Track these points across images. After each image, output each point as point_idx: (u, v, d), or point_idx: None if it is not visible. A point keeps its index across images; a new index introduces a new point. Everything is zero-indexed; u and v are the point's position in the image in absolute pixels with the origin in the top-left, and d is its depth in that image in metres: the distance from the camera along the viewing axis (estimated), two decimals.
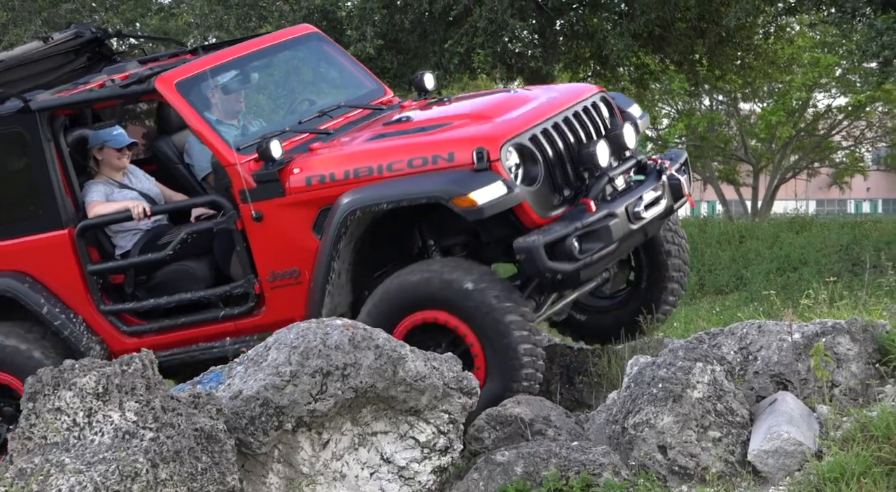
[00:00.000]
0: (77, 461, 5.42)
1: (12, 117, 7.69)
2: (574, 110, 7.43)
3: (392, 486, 6.05)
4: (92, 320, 7.66)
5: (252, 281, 7.34)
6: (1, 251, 7.77)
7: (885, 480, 5.72)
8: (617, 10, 21.95)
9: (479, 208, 6.72)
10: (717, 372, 6.24)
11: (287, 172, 7.19)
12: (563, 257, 6.79)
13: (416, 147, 7.11)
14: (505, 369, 6.82)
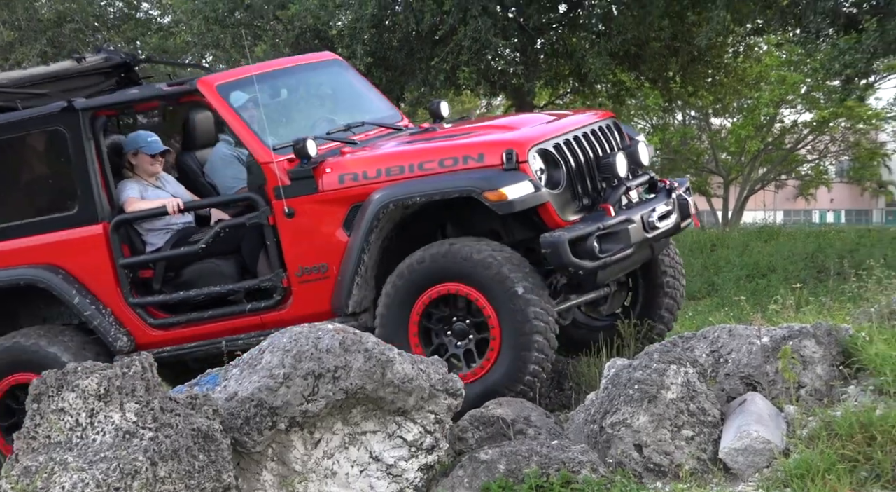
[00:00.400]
0: (80, 460, 5.41)
1: (56, 116, 7.74)
2: (591, 128, 7.55)
3: (381, 483, 6.05)
4: (120, 313, 7.67)
5: (280, 275, 7.37)
6: (36, 246, 7.78)
7: (849, 476, 5.73)
8: (595, 30, 21.99)
9: (509, 202, 6.82)
10: (690, 374, 6.25)
11: (320, 171, 7.25)
12: (584, 255, 6.87)
13: (446, 149, 7.22)
14: (518, 339, 6.84)
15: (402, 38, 20.81)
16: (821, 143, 41.73)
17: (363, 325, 7.22)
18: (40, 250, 7.77)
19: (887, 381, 6.36)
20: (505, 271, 6.83)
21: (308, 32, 21.55)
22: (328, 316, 7.27)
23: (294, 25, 21.43)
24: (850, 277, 9.07)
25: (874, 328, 6.89)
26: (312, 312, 7.27)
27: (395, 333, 7.01)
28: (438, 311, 7.11)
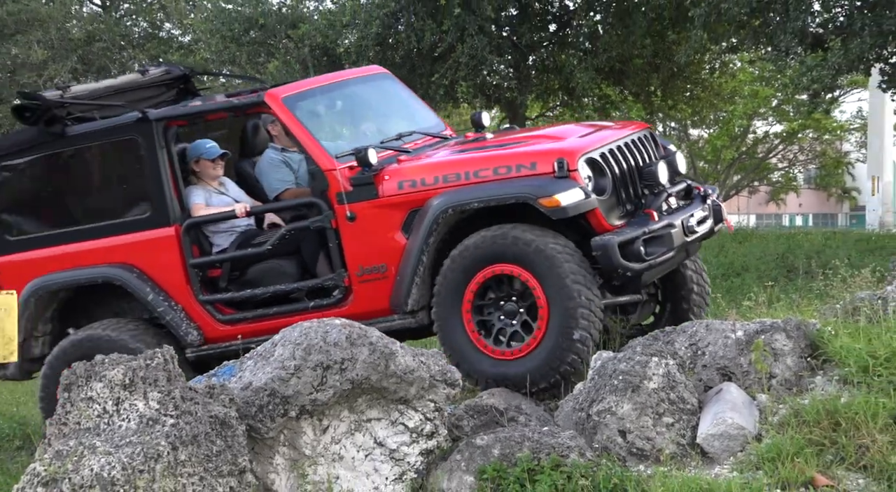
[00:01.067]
0: (107, 444, 5.40)
1: (131, 126, 7.76)
2: (632, 138, 7.51)
3: (384, 466, 6.04)
4: (190, 309, 7.66)
5: (342, 275, 7.34)
6: (113, 246, 7.78)
7: (816, 459, 5.74)
8: (582, 47, 22.02)
9: (563, 208, 6.78)
10: (671, 365, 6.25)
11: (380, 178, 7.24)
12: (632, 257, 6.84)
13: (500, 158, 7.18)
14: (564, 321, 6.79)
15: (404, 56, 20.82)
16: (790, 152, 41.86)
17: (420, 322, 7.24)
18: (116, 250, 7.78)
19: (851, 371, 6.35)
20: (558, 256, 6.77)
21: (317, 50, 21.57)
22: (386, 313, 7.29)
23: (304, 43, 21.45)
24: (817, 275, 9.07)
25: (839, 323, 6.88)
26: (371, 310, 7.28)
27: (450, 310, 6.99)
28: (491, 291, 7.04)
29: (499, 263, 6.89)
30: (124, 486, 5.27)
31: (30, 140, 8.02)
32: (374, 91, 8.67)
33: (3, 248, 8.09)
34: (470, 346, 7.00)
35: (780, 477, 5.61)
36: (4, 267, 8.04)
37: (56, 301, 8.04)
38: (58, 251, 7.92)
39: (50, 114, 7.86)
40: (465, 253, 6.99)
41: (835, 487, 5.56)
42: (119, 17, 31.00)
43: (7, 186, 8.12)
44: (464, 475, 5.96)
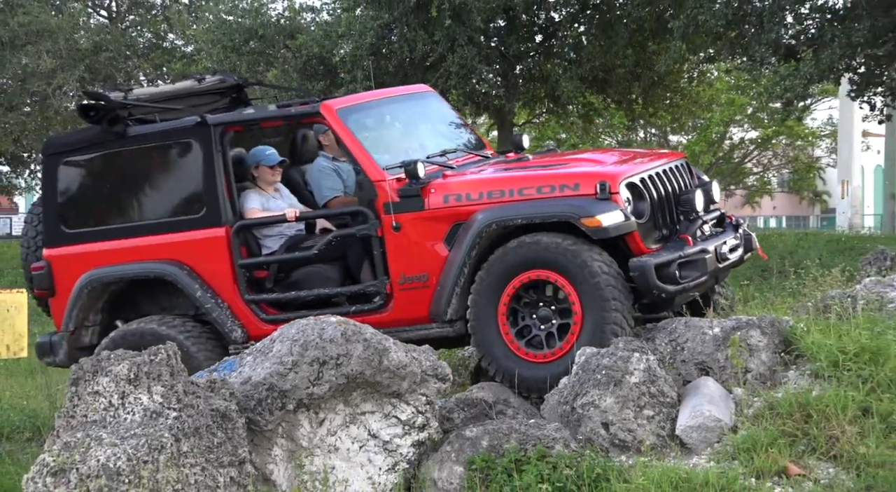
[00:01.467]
0: (112, 436, 5.39)
1: (190, 130, 7.72)
2: (670, 166, 7.45)
3: (378, 457, 6.04)
4: (236, 308, 7.58)
5: (384, 282, 7.25)
6: (166, 243, 7.74)
7: (788, 449, 5.75)
8: (567, 57, 22.04)
9: (604, 229, 6.69)
10: (651, 361, 6.25)
11: (426, 191, 7.16)
12: (667, 280, 6.77)
13: (544, 177, 7.11)
14: (597, 327, 6.69)
15: (397, 65, 20.80)
16: (765, 157, 41.96)
17: (458, 331, 7.14)
18: (168, 248, 7.73)
19: (822, 366, 6.37)
20: (593, 264, 6.68)
21: (314, 59, 21.56)
22: (424, 321, 7.20)
23: (301, 53, 21.44)
24: (790, 275, 9.06)
25: (811, 320, 6.89)
26: (410, 317, 7.21)
27: (486, 313, 6.92)
28: (527, 295, 6.96)
29: (535, 268, 6.82)
30: (129, 476, 5.27)
31: (92, 138, 8.00)
32: (421, 108, 8.60)
33: (60, 239, 8.04)
34: (504, 349, 6.90)
35: (754, 467, 5.62)
36: (60, 258, 8.01)
37: (107, 293, 7.97)
38: (111, 246, 7.87)
39: (113, 114, 7.85)
40: (502, 258, 6.91)
41: (806, 476, 5.57)
42: (125, 28, 30.97)
43: (68, 181, 8.08)
44: (454, 466, 5.95)
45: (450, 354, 9.71)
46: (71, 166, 8.07)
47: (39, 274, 8.08)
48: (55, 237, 8.07)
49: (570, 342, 6.77)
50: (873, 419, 5.85)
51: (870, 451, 5.60)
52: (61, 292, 7.98)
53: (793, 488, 5.45)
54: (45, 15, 28.23)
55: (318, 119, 7.66)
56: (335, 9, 23.22)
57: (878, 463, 5.52)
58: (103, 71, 29.34)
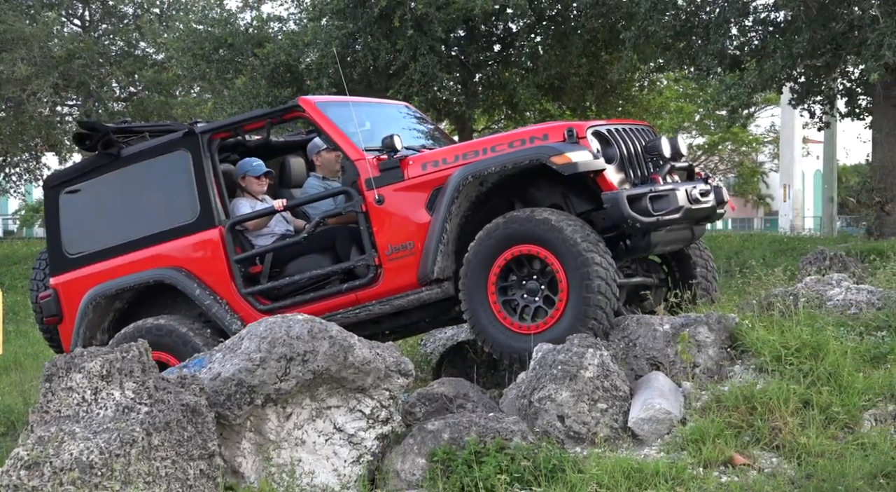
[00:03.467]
0: (85, 431, 5.35)
1: (179, 140, 7.74)
2: (635, 127, 7.49)
3: (343, 450, 6.02)
4: (234, 302, 7.56)
5: (373, 255, 7.21)
6: (165, 251, 7.71)
7: (734, 440, 5.79)
8: (524, 66, 22.09)
9: (573, 164, 6.68)
10: (605, 356, 6.27)
11: (405, 163, 7.18)
12: (639, 211, 6.74)
13: (514, 134, 7.16)
14: (582, 295, 6.65)
15: (361, 73, 20.75)
16: (711, 162, 42.23)
17: (446, 291, 7.12)
18: (166, 256, 7.70)
19: (766, 361, 6.42)
20: (574, 235, 6.65)
21: (281, 67, 21.45)
22: (414, 287, 7.18)
23: (269, 61, 21.33)
24: (735, 274, 9.13)
25: (755, 317, 6.95)
26: (401, 286, 7.19)
27: (476, 288, 6.89)
28: (513, 273, 6.92)
29: (518, 244, 6.81)
30: (102, 469, 5.22)
31: (88, 165, 8.01)
32: (397, 113, 8.61)
33: (64, 265, 8.01)
34: (496, 324, 6.89)
35: (702, 457, 5.65)
36: (65, 284, 7.98)
37: (112, 311, 7.92)
38: (113, 263, 7.84)
39: (107, 138, 7.85)
40: (486, 237, 6.89)
41: (751, 465, 5.60)
42: (97, 36, 30.74)
43: (69, 209, 8.05)
44: (416, 458, 5.95)
45: (413, 351, 9.72)
46: (71, 194, 8.05)
47: (47, 302, 8.04)
48: (59, 264, 8.03)
49: (559, 310, 6.74)
50: (813, 411, 5.90)
51: (810, 441, 5.65)
52: (69, 317, 7.93)
53: (738, 477, 5.48)
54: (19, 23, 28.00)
55: (298, 112, 7.65)
56: (301, 19, 23.14)
57: (817, 453, 5.57)
58: (77, 78, 29.12)
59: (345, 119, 7.65)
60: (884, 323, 7.02)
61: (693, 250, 7.94)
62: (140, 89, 31.03)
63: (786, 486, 5.29)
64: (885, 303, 7.46)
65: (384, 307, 7.28)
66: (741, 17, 19.13)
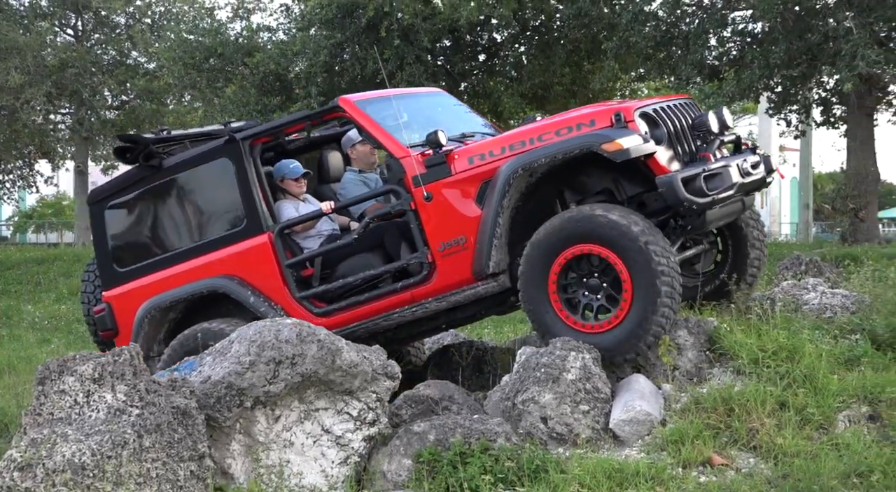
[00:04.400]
0: (78, 433, 5.33)
1: (220, 148, 7.54)
2: (678, 102, 7.21)
3: (331, 451, 6.01)
4: (288, 307, 7.35)
5: (425, 252, 6.99)
6: (215, 260, 7.52)
7: (713, 441, 5.80)
8: (509, 75, 22.15)
9: (625, 150, 6.38)
10: (587, 359, 6.28)
11: (451, 158, 6.94)
12: (694, 193, 6.47)
13: (560, 122, 6.82)
14: (648, 294, 6.36)
15: (349, 81, 20.77)
16: None
17: (503, 284, 6.91)
18: (217, 264, 7.51)
19: (743, 363, 6.44)
20: (637, 233, 6.35)
21: (270, 76, 21.46)
22: (470, 282, 6.95)
23: (259, 70, 21.34)
24: None
25: (733, 321, 6.97)
26: (455, 281, 6.97)
27: (537, 289, 6.62)
28: (572, 270, 6.63)
29: (579, 243, 6.50)
30: (94, 470, 5.21)
31: (130, 178, 7.82)
32: (434, 102, 8.37)
33: (116, 279, 7.86)
34: (559, 322, 6.61)
35: (681, 457, 5.66)
36: (118, 297, 7.84)
37: (167, 321, 7.76)
38: (164, 274, 7.68)
39: (147, 150, 7.66)
40: (547, 235, 6.60)
41: (729, 465, 5.62)
42: (90, 46, 30.68)
43: (115, 223, 7.90)
44: (402, 459, 5.94)
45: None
46: (116, 208, 7.89)
47: (101, 317, 7.88)
48: (111, 279, 7.88)
49: (624, 310, 6.46)
50: (790, 412, 5.92)
51: (786, 441, 5.67)
52: (124, 329, 7.80)
53: (716, 476, 5.49)
54: (13, 33, 27.99)
55: (338, 113, 7.44)
56: (290, 28, 23.16)
57: (793, 453, 5.58)
58: (69, 86, 29.13)
59: (385, 116, 7.44)
60: (858, 327, 7.05)
61: (750, 231, 7.66)
62: (132, 98, 31.00)
63: (762, 485, 5.30)
64: (859, 307, 7.50)
65: (440, 304, 7.06)
66: (720, 28, 19.23)
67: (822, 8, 18.18)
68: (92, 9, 30.13)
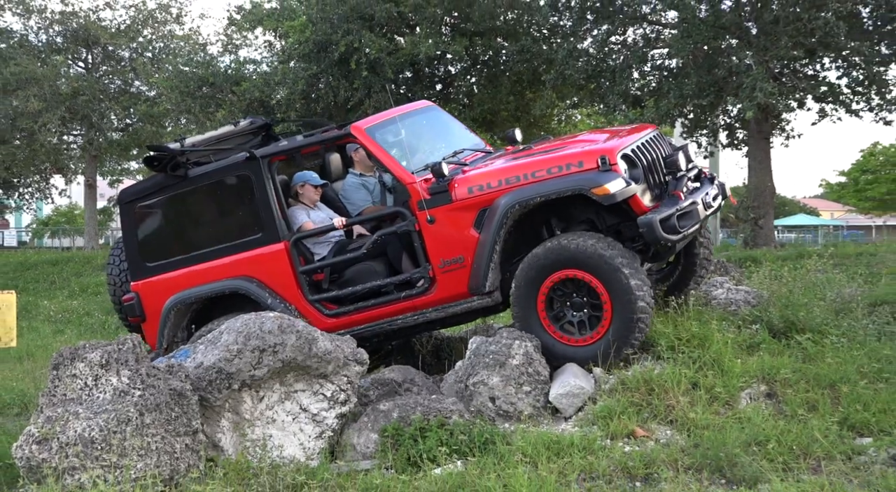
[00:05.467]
0: (87, 411, 5.27)
1: (242, 164, 7.36)
2: (648, 137, 7.14)
3: (308, 427, 5.97)
4: (302, 309, 7.22)
5: (427, 268, 6.89)
6: (235, 262, 7.36)
7: (636, 416, 5.82)
8: (461, 102, 22.17)
9: (612, 195, 6.36)
10: (529, 347, 6.28)
11: (451, 186, 6.84)
12: (669, 231, 6.46)
13: (551, 160, 6.71)
14: (625, 315, 6.33)
15: (324, 107, 20.70)
16: None
17: (496, 300, 6.85)
18: (237, 266, 7.36)
19: (662, 349, 6.47)
20: (616, 262, 6.35)
21: (255, 102, 21.33)
22: (465, 296, 6.87)
23: (245, 97, 21.21)
24: None
25: (653, 314, 6.99)
26: (452, 295, 6.90)
27: (527, 308, 6.55)
28: (561, 290, 6.57)
29: (565, 269, 6.47)
30: (101, 444, 5.16)
31: (158, 184, 7.63)
32: (428, 119, 8.21)
33: (144, 272, 7.67)
34: (548, 337, 6.56)
35: (609, 430, 5.68)
36: (146, 288, 7.65)
37: (190, 312, 7.61)
38: (188, 271, 7.52)
39: (174, 161, 7.48)
40: (535, 261, 6.56)
41: (649, 437, 5.64)
42: (98, 76, 30.39)
43: (144, 222, 7.71)
44: (370, 433, 5.92)
45: None
46: (144, 209, 7.70)
47: (130, 305, 7.71)
48: (140, 271, 7.69)
49: (604, 327, 6.43)
50: (701, 391, 5.95)
51: (698, 416, 5.70)
52: (151, 317, 7.65)
53: (639, 446, 5.51)
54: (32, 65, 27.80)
55: (350, 139, 7.33)
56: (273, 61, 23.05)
57: (703, 425, 5.62)
58: (80, 111, 28.91)
59: (393, 143, 7.35)
60: (757, 318, 7.12)
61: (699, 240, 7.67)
62: (135, 121, 30.75)
63: (678, 454, 5.33)
64: (759, 301, 7.57)
65: (440, 314, 7.00)
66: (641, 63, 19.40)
67: (727, 47, 18.39)
68: (100, 44, 29.94)
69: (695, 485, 4.98)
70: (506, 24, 21.03)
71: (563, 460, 5.33)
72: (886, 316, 7.24)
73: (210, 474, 5.49)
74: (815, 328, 6.85)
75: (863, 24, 18.09)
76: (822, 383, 5.99)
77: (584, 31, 19.50)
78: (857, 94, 18.81)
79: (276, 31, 22.48)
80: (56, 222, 48.14)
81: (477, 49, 21.35)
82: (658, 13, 19.45)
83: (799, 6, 17.14)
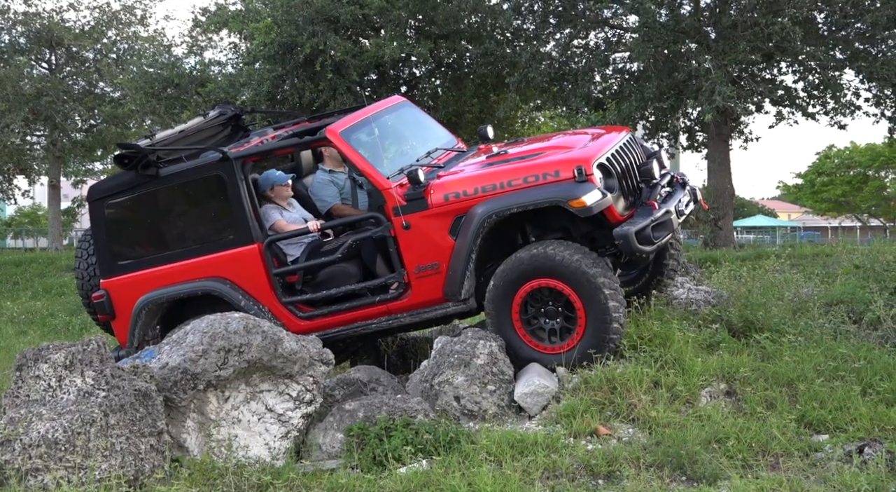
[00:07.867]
0: (51, 412, 5.21)
1: (215, 164, 7.23)
2: (622, 143, 7.10)
3: (273, 427, 5.94)
4: (276, 310, 7.14)
5: (402, 273, 6.83)
6: (208, 262, 7.25)
7: (599, 414, 5.86)
8: (426, 105, 22.14)
9: (588, 207, 6.34)
10: (493, 346, 6.30)
11: (427, 192, 6.76)
12: (644, 242, 6.43)
13: (527, 169, 6.66)
14: (599, 323, 6.33)
15: (289, 109, 20.60)
16: None
17: (470, 306, 6.81)
18: (209, 267, 7.25)
19: (624, 349, 6.51)
20: (598, 281, 6.33)
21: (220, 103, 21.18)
22: (440, 302, 6.84)
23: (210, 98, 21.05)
24: None
25: None
26: (427, 300, 6.85)
27: (502, 312, 6.53)
28: (536, 296, 6.54)
29: (538, 278, 6.44)
30: (65, 445, 5.10)
31: (129, 182, 7.47)
32: (400, 117, 8.07)
33: (114, 270, 7.53)
34: (522, 344, 6.55)
35: (573, 429, 5.70)
36: (116, 286, 7.53)
37: (161, 311, 7.51)
38: (160, 271, 7.40)
39: (145, 160, 7.34)
40: (517, 265, 6.52)
41: (612, 435, 5.67)
42: (62, 77, 30.02)
43: (113, 221, 7.55)
44: (335, 433, 5.90)
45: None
46: (114, 208, 7.55)
47: (100, 302, 7.58)
48: (110, 269, 7.55)
49: (578, 334, 6.44)
50: (662, 390, 6.00)
51: (659, 414, 5.74)
52: (121, 315, 7.52)
53: (601, 444, 5.54)
54: None
55: (325, 143, 7.21)
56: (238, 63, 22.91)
57: (665, 423, 5.66)
58: (44, 112, 28.58)
59: (369, 146, 7.29)
60: (717, 317, 7.18)
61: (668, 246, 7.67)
62: (99, 122, 30.43)
63: (639, 451, 5.36)
64: (718, 301, 7.64)
65: (414, 319, 6.94)
66: (603, 67, 19.52)
67: (686, 51, 18.56)
68: (64, 45, 29.58)
69: (656, 482, 5.01)
70: (470, 27, 21.05)
71: (526, 458, 5.35)
72: (842, 315, 7.33)
73: (175, 474, 5.44)
74: (774, 328, 6.93)
75: (818, 29, 18.34)
76: (780, 381, 6.06)
77: (546, 34, 19.59)
78: (812, 97, 19.07)
79: (241, 33, 22.35)
80: (19, 223, 47.52)
81: (441, 52, 21.35)
82: (619, 17, 19.59)
83: (756, 11, 17.35)
